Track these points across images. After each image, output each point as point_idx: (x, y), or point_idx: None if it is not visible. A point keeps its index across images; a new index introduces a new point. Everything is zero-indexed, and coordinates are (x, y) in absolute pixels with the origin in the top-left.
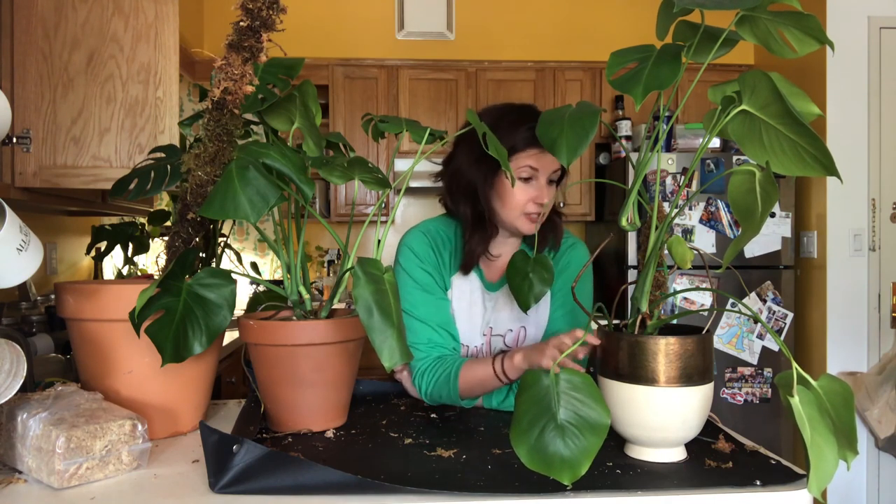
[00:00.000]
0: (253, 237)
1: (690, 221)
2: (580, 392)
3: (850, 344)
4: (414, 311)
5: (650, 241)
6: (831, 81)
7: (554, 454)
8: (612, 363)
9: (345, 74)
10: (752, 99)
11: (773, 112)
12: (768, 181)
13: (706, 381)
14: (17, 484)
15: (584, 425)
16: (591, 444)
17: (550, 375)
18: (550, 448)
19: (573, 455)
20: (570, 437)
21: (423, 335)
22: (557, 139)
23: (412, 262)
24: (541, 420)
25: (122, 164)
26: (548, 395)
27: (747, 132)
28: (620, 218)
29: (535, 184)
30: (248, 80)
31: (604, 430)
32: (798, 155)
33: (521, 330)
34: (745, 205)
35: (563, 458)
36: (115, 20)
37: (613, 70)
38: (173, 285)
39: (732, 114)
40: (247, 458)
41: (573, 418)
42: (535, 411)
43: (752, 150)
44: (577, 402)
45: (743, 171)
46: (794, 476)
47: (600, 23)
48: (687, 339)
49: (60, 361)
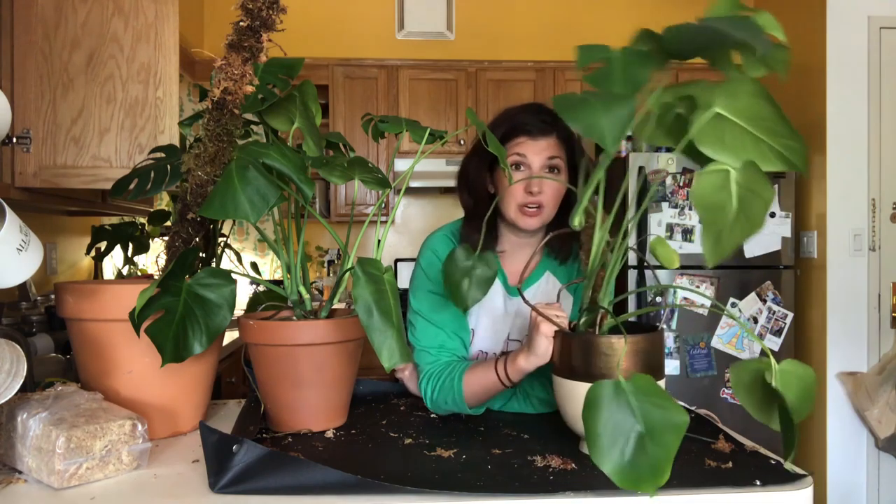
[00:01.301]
0: (253, 237)
1: (690, 221)
2: (652, 395)
3: (850, 344)
4: (430, 315)
5: (594, 240)
6: (831, 81)
7: (643, 465)
8: (566, 362)
9: (345, 74)
10: (728, 102)
11: (750, 114)
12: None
13: (658, 377)
14: (17, 484)
15: (667, 427)
16: (673, 445)
17: (622, 383)
18: (638, 460)
19: (658, 462)
20: (655, 444)
21: (436, 339)
22: (594, 123)
23: (434, 265)
24: (623, 432)
25: (122, 164)
26: (622, 405)
27: (707, 134)
28: (572, 219)
29: (525, 172)
30: (248, 80)
31: (684, 428)
32: (760, 152)
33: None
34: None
35: (650, 468)
36: (115, 20)
37: (585, 63)
38: (173, 285)
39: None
40: (247, 458)
41: (655, 423)
42: (614, 424)
43: (713, 150)
44: (653, 406)
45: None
46: (794, 476)
47: (600, 23)
48: (638, 337)
49: (60, 361)
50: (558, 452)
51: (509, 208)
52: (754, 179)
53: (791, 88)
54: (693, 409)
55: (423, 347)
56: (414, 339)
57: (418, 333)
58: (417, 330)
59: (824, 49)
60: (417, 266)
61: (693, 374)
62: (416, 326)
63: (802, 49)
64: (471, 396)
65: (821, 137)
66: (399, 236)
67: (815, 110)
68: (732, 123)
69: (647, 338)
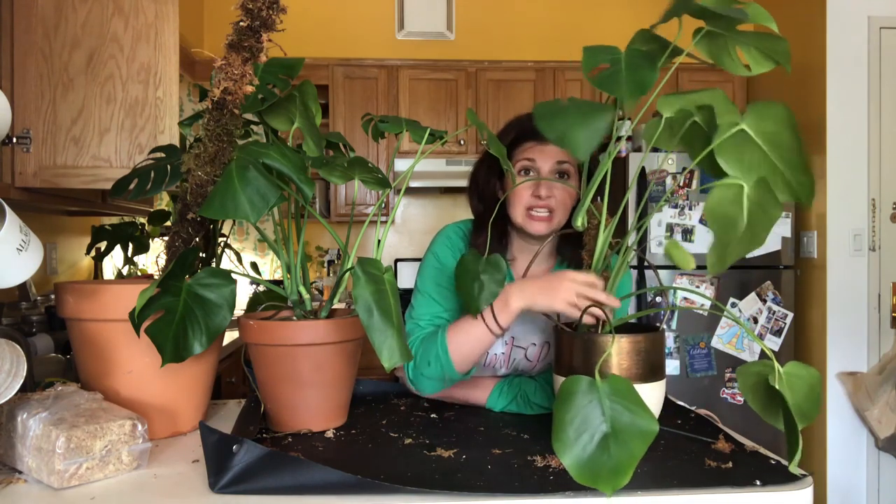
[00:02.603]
0: (253, 237)
1: (690, 221)
2: (625, 398)
3: (850, 344)
4: (430, 290)
5: (598, 241)
6: (831, 81)
7: (602, 464)
8: (566, 362)
9: (345, 74)
10: (755, 122)
11: (774, 140)
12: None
13: (658, 377)
14: (17, 484)
15: (633, 433)
16: (638, 451)
17: (596, 382)
18: (599, 458)
19: (620, 464)
20: (619, 446)
21: (430, 310)
22: (567, 132)
23: (445, 248)
24: (588, 429)
25: (122, 164)
26: (593, 402)
27: (729, 148)
28: (575, 219)
29: (534, 176)
30: (248, 80)
31: (651, 436)
32: (773, 178)
33: (544, 346)
34: (726, 214)
35: (610, 468)
36: (115, 20)
37: (590, 67)
38: (173, 285)
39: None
40: (247, 458)
41: (622, 426)
42: (581, 420)
43: (729, 164)
44: (624, 409)
45: (727, 183)
46: (794, 476)
47: (600, 23)
48: (639, 337)
49: (60, 361)
50: None
51: (517, 213)
52: (765, 197)
53: (791, 88)
54: (693, 409)
55: (415, 318)
56: (409, 314)
57: (416, 309)
58: (415, 306)
59: (824, 49)
60: (429, 252)
61: (693, 374)
62: (415, 303)
63: (802, 49)
64: (457, 354)
65: (821, 137)
66: (399, 236)
67: (815, 110)
68: (754, 144)
69: (647, 338)
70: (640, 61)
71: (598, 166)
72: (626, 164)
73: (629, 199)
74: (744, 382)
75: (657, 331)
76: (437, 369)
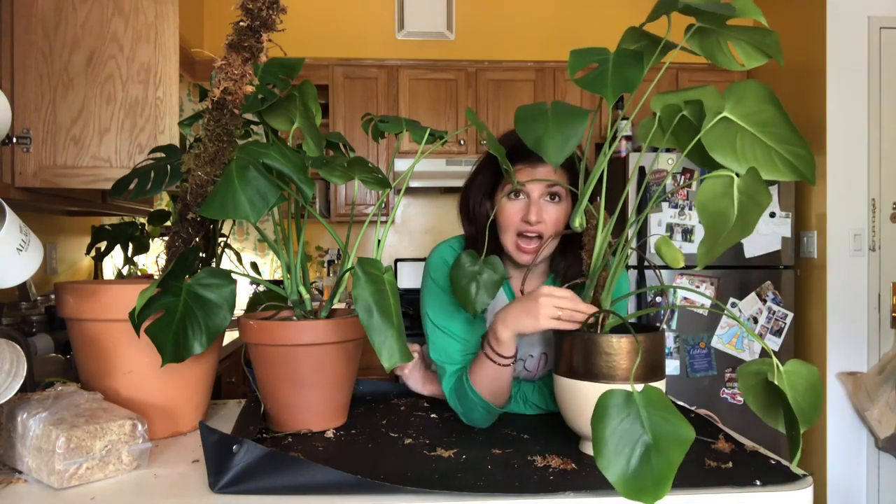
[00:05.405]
0: (253, 237)
1: (690, 221)
2: (661, 408)
3: (850, 344)
4: (443, 324)
5: (597, 241)
6: (831, 81)
7: (646, 476)
8: (567, 361)
9: (345, 74)
10: (736, 107)
11: (758, 120)
12: (754, 186)
13: (658, 378)
14: (17, 484)
15: (673, 441)
16: (677, 459)
17: (633, 394)
18: (642, 471)
19: (661, 474)
20: (659, 456)
21: (451, 347)
22: (543, 136)
23: (443, 270)
24: (629, 442)
25: (122, 164)
26: (632, 414)
27: (719, 139)
28: (573, 220)
29: (524, 200)
30: (248, 80)
31: (689, 443)
32: (770, 160)
33: (542, 357)
34: (717, 209)
35: (653, 480)
36: (115, 20)
37: (576, 69)
38: (173, 285)
39: (714, 121)
40: (247, 458)
41: (663, 435)
42: (621, 434)
43: (723, 156)
44: (661, 419)
45: (717, 175)
46: (794, 476)
47: (600, 23)
48: (640, 336)
49: (60, 361)
50: (558, 452)
51: (507, 239)
52: (755, 187)
53: (791, 88)
54: (693, 409)
55: (442, 361)
56: (433, 350)
57: (436, 345)
58: (435, 342)
59: (824, 49)
60: (426, 276)
61: (693, 374)
62: (434, 337)
63: (802, 49)
64: (488, 392)
65: (821, 137)
66: (399, 236)
67: (815, 110)
68: (742, 129)
69: (648, 338)
70: (627, 60)
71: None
72: (625, 163)
73: (629, 199)
74: (744, 383)
75: (657, 331)
76: (482, 413)
